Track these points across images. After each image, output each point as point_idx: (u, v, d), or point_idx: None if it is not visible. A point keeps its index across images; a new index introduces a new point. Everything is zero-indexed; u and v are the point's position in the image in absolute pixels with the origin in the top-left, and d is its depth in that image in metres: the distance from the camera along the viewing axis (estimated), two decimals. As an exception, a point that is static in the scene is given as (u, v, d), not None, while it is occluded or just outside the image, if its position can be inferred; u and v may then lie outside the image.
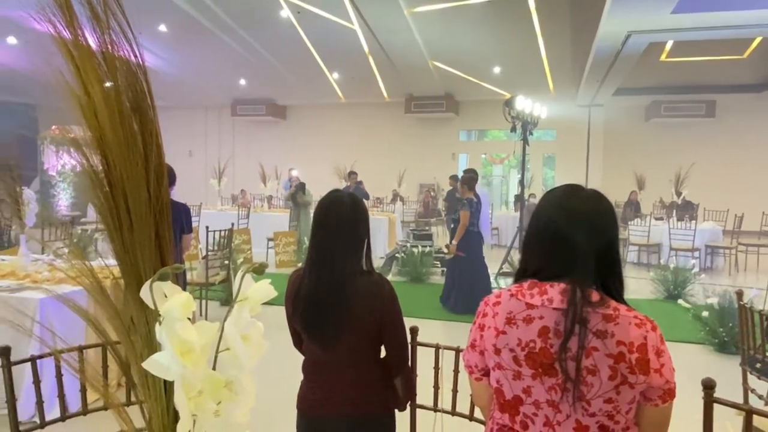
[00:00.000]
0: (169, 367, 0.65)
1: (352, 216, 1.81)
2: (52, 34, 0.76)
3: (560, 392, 1.19)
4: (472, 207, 6.25)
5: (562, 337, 1.17)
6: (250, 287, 0.74)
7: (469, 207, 6.23)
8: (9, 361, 1.71)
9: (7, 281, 3.89)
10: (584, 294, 1.18)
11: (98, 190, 0.72)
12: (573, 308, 1.18)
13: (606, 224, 1.25)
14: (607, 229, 1.25)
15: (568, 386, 1.17)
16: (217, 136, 19.93)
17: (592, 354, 1.16)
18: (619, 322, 1.18)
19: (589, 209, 1.26)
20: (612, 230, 1.26)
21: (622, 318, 1.19)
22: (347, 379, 1.79)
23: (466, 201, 6.27)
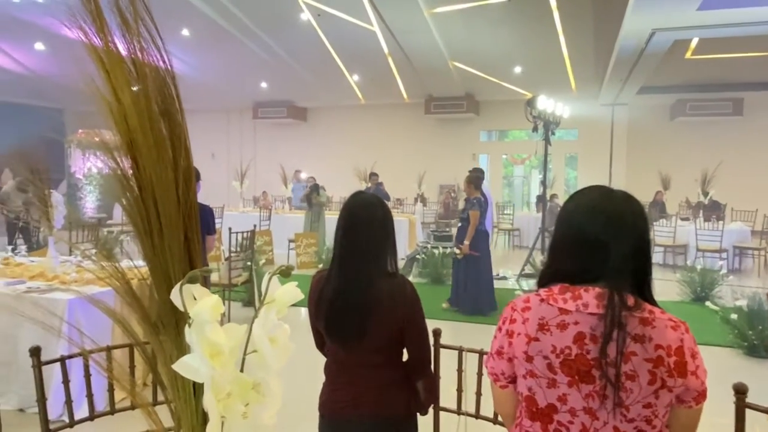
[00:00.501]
0: (198, 369, 0.65)
1: (380, 217, 1.81)
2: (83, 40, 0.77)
3: (598, 399, 1.17)
4: (481, 206, 6.27)
5: (600, 343, 1.15)
6: (276, 290, 0.75)
7: (479, 207, 6.24)
8: (39, 360, 1.75)
9: (36, 282, 3.98)
10: (621, 298, 1.17)
11: (128, 194, 0.73)
12: (611, 312, 1.15)
13: (639, 226, 1.23)
14: (640, 231, 1.23)
15: (607, 393, 1.15)
16: (239, 139, 20.14)
17: (630, 359, 1.14)
18: (656, 325, 1.16)
19: (622, 211, 1.24)
20: (644, 232, 1.24)
21: (658, 321, 1.17)
22: (369, 382, 1.79)
23: (475, 201, 6.29)
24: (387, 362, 1.82)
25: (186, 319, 0.68)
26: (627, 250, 1.20)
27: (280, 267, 0.76)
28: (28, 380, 3.63)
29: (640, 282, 1.22)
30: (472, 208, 6.27)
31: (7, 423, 3.47)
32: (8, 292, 3.73)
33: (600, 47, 12.62)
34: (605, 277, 1.19)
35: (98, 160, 15.95)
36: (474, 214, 6.22)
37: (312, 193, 10.52)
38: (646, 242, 1.24)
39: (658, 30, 9.48)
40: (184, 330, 0.70)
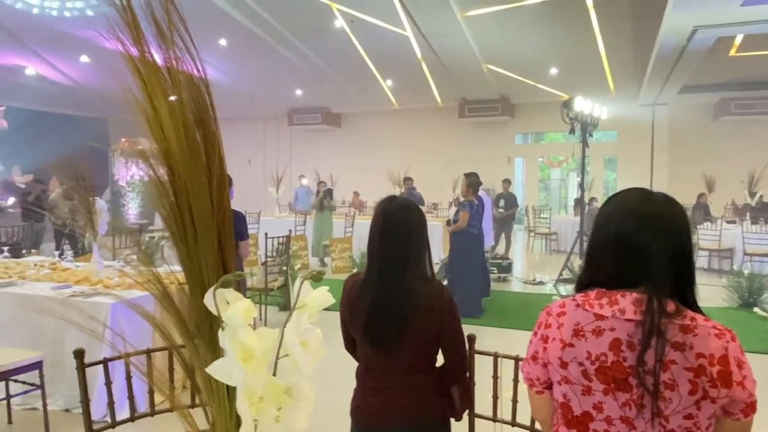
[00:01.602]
0: (231, 372, 0.66)
1: (417, 221, 1.81)
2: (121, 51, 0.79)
3: (635, 408, 1.13)
4: (472, 209, 6.42)
5: (637, 350, 1.12)
6: (308, 294, 0.75)
7: (469, 209, 6.41)
8: (83, 363, 1.80)
9: (81, 287, 4.12)
10: (661, 304, 1.13)
11: (164, 200, 0.74)
12: (650, 319, 1.12)
13: (680, 229, 1.19)
14: (681, 235, 1.19)
15: (645, 402, 1.12)
16: (275, 145, 20.44)
17: (670, 368, 1.10)
18: (697, 333, 1.11)
19: (662, 214, 1.20)
20: (686, 236, 1.20)
21: (700, 329, 1.12)
22: (403, 387, 1.78)
23: (467, 203, 6.48)
24: (421, 368, 1.81)
25: (219, 323, 0.69)
26: (666, 254, 1.16)
27: (311, 272, 0.76)
28: (74, 381, 3.75)
29: (682, 288, 1.18)
30: (463, 209, 6.46)
31: (54, 423, 3.59)
32: (55, 296, 3.87)
33: (639, 46, 12.32)
34: (644, 282, 1.16)
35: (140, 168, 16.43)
36: (464, 215, 6.39)
37: (325, 198, 10.65)
38: (688, 246, 1.20)
39: (700, 27, 9.19)
40: (218, 334, 0.71)
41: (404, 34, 12.93)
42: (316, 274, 0.76)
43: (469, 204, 6.43)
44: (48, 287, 4.11)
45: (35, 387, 3.56)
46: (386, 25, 12.55)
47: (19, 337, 3.92)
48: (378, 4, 11.75)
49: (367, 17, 12.29)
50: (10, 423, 3.70)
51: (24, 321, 3.95)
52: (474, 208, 6.43)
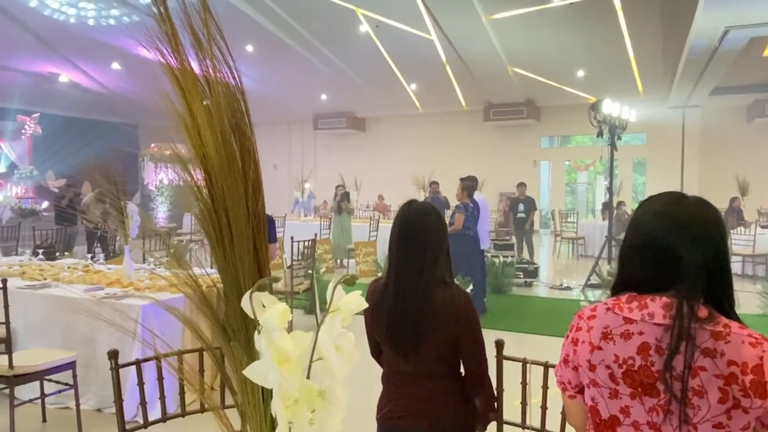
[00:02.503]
0: (267, 374, 0.67)
1: (435, 225, 1.80)
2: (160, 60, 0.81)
3: (663, 414, 1.11)
4: (467, 211, 6.54)
5: (665, 355, 1.10)
6: (341, 298, 0.76)
7: (464, 211, 6.53)
8: (117, 363, 1.84)
9: (113, 288, 4.22)
10: (692, 309, 1.10)
11: (201, 205, 0.76)
12: (679, 323, 1.10)
13: (714, 234, 1.16)
14: (716, 239, 1.16)
15: (672, 408, 1.10)
16: (300, 150, 20.61)
17: (699, 374, 1.08)
18: (730, 340, 1.09)
19: (695, 218, 1.17)
20: (720, 240, 1.17)
21: (733, 336, 1.09)
22: (425, 392, 1.77)
23: (462, 205, 6.59)
24: (444, 373, 1.79)
25: (255, 325, 0.70)
26: (698, 258, 1.14)
27: (344, 276, 0.77)
28: (106, 382, 3.85)
29: (717, 294, 1.16)
30: (458, 212, 6.59)
31: (86, 422, 3.67)
32: (88, 298, 3.97)
33: (668, 47, 12.10)
34: (675, 286, 1.14)
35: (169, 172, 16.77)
36: (459, 216, 6.52)
37: (343, 201, 10.69)
38: (722, 251, 1.17)
39: (732, 28, 8.98)
40: (253, 336, 0.72)
41: (429, 38, 12.93)
42: (349, 278, 0.77)
43: (464, 206, 6.56)
44: (81, 289, 4.22)
45: (68, 387, 3.65)
46: (411, 29, 12.57)
47: (52, 337, 4.02)
48: (403, 9, 11.78)
49: (391, 21, 12.33)
50: (44, 421, 3.80)
51: (58, 322, 4.05)
52: (469, 210, 6.54)
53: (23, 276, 4.73)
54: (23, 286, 4.30)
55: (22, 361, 3.42)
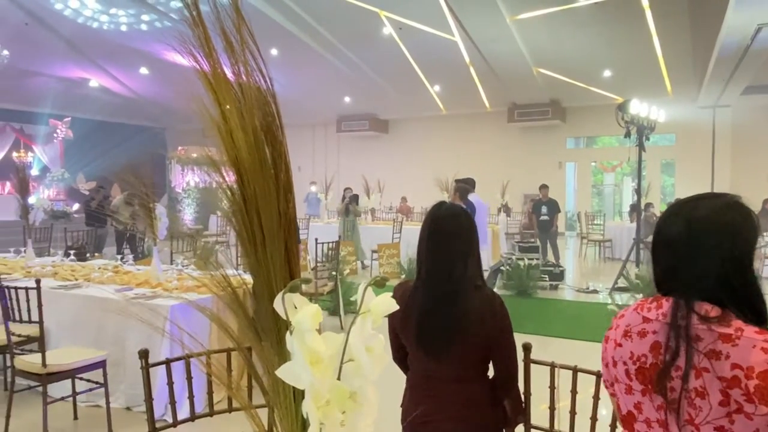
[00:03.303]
0: (300, 375, 0.67)
1: (465, 228, 1.79)
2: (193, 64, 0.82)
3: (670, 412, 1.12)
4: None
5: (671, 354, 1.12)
6: (372, 300, 0.76)
7: None
8: (147, 362, 1.87)
9: (142, 289, 4.30)
10: (694, 308, 1.10)
11: (234, 206, 0.77)
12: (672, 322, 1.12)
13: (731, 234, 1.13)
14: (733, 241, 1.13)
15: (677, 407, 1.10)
16: (323, 152, 20.73)
17: (702, 375, 1.07)
18: (738, 343, 1.06)
19: (709, 219, 1.15)
20: (739, 242, 1.13)
21: (744, 339, 1.06)
22: (454, 395, 1.75)
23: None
24: (473, 377, 1.78)
25: (287, 326, 0.71)
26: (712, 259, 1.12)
27: (374, 277, 0.77)
28: (135, 380, 3.92)
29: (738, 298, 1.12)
30: None
31: (116, 420, 3.75)
32: (118, 298, 4.05)
33: (698, 46, 11.85)
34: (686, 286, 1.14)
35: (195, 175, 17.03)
36: None
37: (351, 203, 10.71)
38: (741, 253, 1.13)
39: (765, 25, 8.75)
40: (285, 337, 0.73)
41: (452, 40, 12.90)
42: (379, 280, 0.77)
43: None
44: (111, 289, 4.30)
45: (99, 385, 3.72)
46: (434, 31, 12.55)
47: (83, 336, 4.11)
48: (426, 11, 11.77)
49: (414, 23, 12.34)
50: (75, 419, 3.88)
51: (88, 321, 4.14)
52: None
53: (56, 276, 4.85)
54: (56, 286, 4.41)
55: (55, 359, 3.51)
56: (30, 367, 3.46)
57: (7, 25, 11.76)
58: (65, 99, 16.83)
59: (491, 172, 16.52)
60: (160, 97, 18.06)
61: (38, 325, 3.54)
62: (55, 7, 12.34)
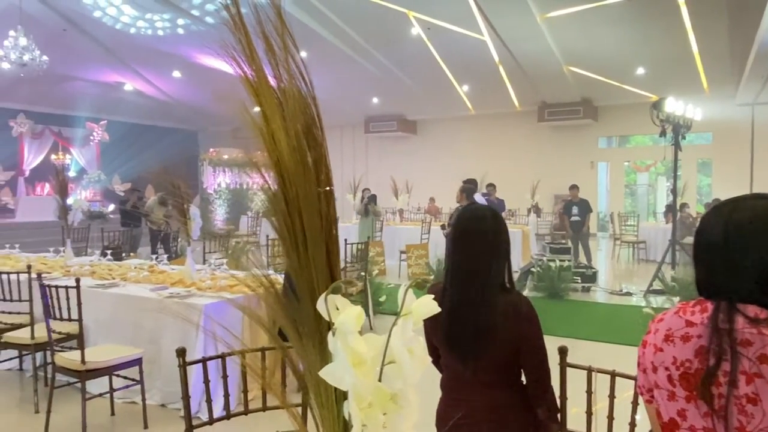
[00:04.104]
0: (342, 377, 0.68)
1: (492, 230, 1.76)
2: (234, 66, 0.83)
3: (717, 419, 1.09)
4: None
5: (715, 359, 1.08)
6: (412, 302, 0.76)
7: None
8: (185, 361, 1.90)
9: (177, 288, 4.38)
10: (740, 311, 1.07)
11: (276, 208, 0.78)
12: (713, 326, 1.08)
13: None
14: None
15: (728, 414, 1.07)
16: (351, 153, 20.80)
17: (754, 380, 1.04)
18: None
19: (753, 219, 1.12)
20: None
21: None
22: (486, 400, 1.73)
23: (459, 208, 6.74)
24: (504, 382, 1.76)
25: (330, 327, 0.71)
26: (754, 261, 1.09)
27: (415, 279, 0.77)
28: (169, 378, 4.00)
29: None
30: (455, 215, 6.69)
31: (151, 416, 3.83)
32: (154, 297, 4.14)
33: (736, 41, 11.50)
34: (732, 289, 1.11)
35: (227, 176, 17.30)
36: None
37: (369, 203, 10.72)
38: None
39: (809, 19, 8.46)
40: (326, 338, 0.73)
41: (481, 39, 12.81)
42: (420, 281, 0.77)
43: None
44: (147, 288, 4.40)
45: (135, 382, 3.81)
46: (463, 31, 12.48)
47: (120, 334, 4.21)
48: (455, 10, 11.72)
49: (443, 23, 12.29)
50: (112, 415, 3.98)
51: (125, 319, 4.24)
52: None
53: (93, 275, 4.98)
54: (94, 285, 4.53)
55: (93, 356, 3.60)
56: (70, 363, 3.56)
57: (46, 31, 12.14)
58: (101, 102, 17.29)
59: (521, 172, 16.35)
60: (192, 99, 18.41)
61: (77, 323, 3.64)
62: (94, 14, 12.70)
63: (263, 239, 13.43)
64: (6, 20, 11.26)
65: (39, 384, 4.16)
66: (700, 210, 14.07)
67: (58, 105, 17.15)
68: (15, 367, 4.86)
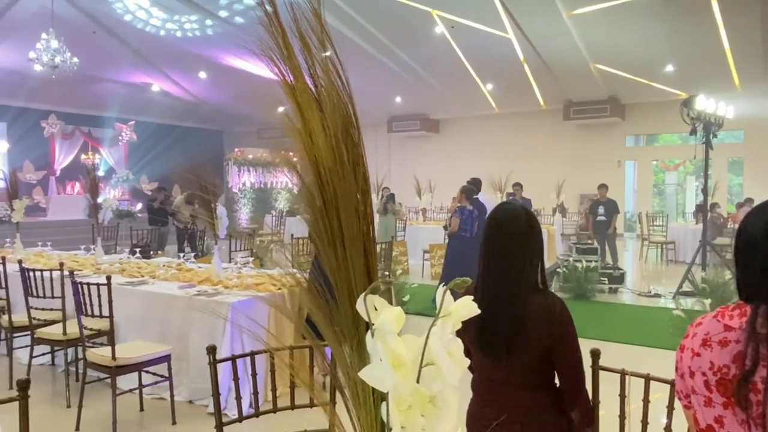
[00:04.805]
0: (383, 378, 0.67)
1: (525, 229, 1.74)
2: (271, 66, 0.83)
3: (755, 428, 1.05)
4: (463, 215, 6.98)
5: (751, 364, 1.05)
6: (451, 303, 0.74)
7: (460, 215, 7.01)
8: (215, 358, 1.92)
9: (204, 286, 4.43)
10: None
11: (312, 207, 0.77)
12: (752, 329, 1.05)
13: None
14: None
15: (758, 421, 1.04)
16: (374, 152, 20.81)
17: None
18: None
19: None
20: None
21: None
22: (517, 402, 1.71)
23: (459, 209, 7.11)
24: (538, 384, 1.73)
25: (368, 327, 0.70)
26: None
27: (455, 280, 0.76)
28: (197, 375, 4.05)
29: None
30: (455, 216, 7.13)
31: (179, 412, 3.88)
32: (182, 295, 4.19)
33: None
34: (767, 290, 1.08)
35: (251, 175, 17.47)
36: (455, 221, 7.05)
37: (388, 202, 10.70)
38: None
39: None
40: (364, 339, 0.72)
41: (506, 37, 12.69)
42: (460, 282, 0.76)
43: (461, 210, 7.05)
44: (175, 286, 4.46)
45: (164, 378, 3.86)
46: (487, 29, 12.39)
47: (149, 331, 4.28)
48: (479, 8, 11.64)
49: (467, 21, 12.21)
50: (141, 410, 4.04)
51: (154, 316, 4.31)
52: (465, 214, 7.01)
53: (123, 273, 5.07)
54: (123, 283, 4.61)
55: (123, 353, 3.66)
56: (100, 359, 3.63)
57: (76, 33, 12.40)
58: (129, 103, 17.60)
59: (546, 171, 16.15)
60: (217, 99, 18.62)
61: (108, 320, 3.70)
62: (125, 18, 12.93)
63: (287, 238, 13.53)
64: (38, 23, 11.54)
65: (70, 379, 4.25)
66: (731, 210, 13.72)
67: (88, 106, 17.52)
68: (47, 363, 4.97)
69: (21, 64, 12.49)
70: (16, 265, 4.68)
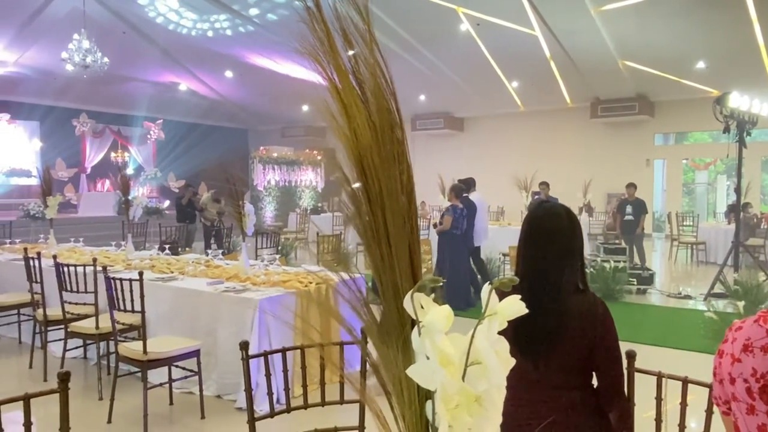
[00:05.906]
0: (432, 377, 0.67)
1: (565, 228, 1.72)
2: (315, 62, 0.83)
3: None
4: (455, 213, 7.16)
5: None
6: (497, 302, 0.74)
7: (452, 213, 7.18)
8: (248, 354, 1.94)
9: (232, 283, 4.48)
10: None
11: (358, 206, 0.77)
12: None
13: None
14: None
15: None
16: (398, 151, 20.78)
17: None
18: None
19: None
20: None
21: None
22: (554, 403, 1.69)
23: (451, 208, 7.29)
24: (576, 385, 1.71)
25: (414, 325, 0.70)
26: None
27: (501, 279, 0.75)
28: (225, 370, 4.10)
29: None
30: (447, 214, 7.29)
31: (208, 407, 3.93)
32: (211, 291, 4.25)
33: (807, 32, 10.87)
34: None
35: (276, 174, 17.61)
36: (447, 219, 7.20)
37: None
38: None
39: None
40: (409, 336, 0.72)
41: (532, 34, 12.56)
42: (507, 281, 0.75)
43: (452, 209, 7.23)
44: (204, 282, 4.52)
45: (193, 373, 3.92)
46: (513, 26, 12.27)
47: (178, 326, 4.35)
48: (505, 5, 11.53)
49: (493, 19, 12.11)
50: (171, 404, 4.11)
51: (183, 312, 4.37)
52: (457, 212, 7.19)
53: (153, 269, 5.15)
54: (154, 279, 4.68)
55: (154, 347, 3.72)
56: (132, 353, 3.70)
57: (107, 34, 12.65)
58: (158, 102, 17.91)
59: (572, 170, 15.94)
60: (242, 98, 18.82)
61: (140, 315, 3.77)
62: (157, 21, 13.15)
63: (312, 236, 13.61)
64: (70, 23, 11.80)
65: (102, 372, 4.34)
66: (765, 210, 13.36)
67: (118, 105, 17.87)
68: (80, 356, 5.09)
69: (53, 64, 12.80)
70: (50, 261, 4.79)
